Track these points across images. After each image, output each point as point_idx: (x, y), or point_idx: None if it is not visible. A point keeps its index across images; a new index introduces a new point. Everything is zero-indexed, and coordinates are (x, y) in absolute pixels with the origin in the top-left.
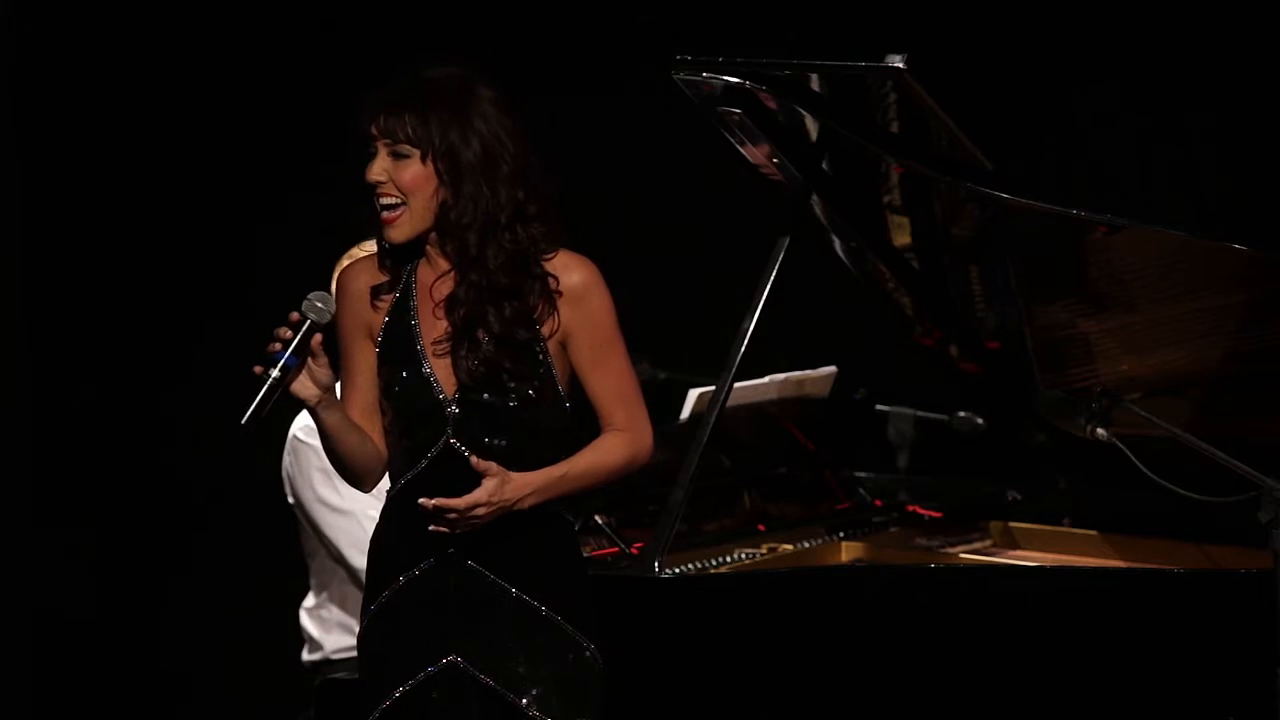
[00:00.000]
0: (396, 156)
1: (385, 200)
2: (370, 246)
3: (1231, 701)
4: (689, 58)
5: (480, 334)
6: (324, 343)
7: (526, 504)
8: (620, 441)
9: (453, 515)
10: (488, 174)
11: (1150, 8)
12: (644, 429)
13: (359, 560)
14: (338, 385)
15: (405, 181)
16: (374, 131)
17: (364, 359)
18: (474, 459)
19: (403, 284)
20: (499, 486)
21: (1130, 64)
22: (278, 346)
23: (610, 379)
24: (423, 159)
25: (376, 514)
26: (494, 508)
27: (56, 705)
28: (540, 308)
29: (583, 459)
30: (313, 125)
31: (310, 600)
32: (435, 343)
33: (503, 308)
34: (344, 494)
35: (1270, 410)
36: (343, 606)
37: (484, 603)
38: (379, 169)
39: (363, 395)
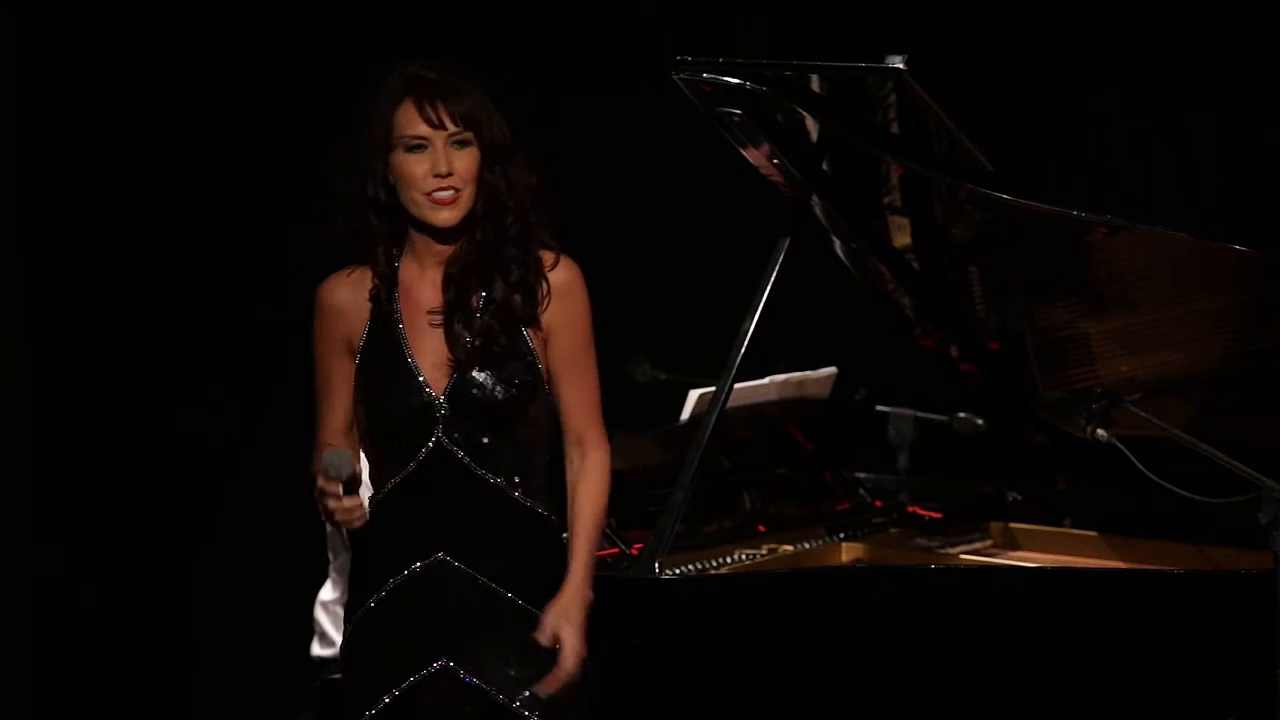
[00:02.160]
0: (459, 144)
1: (445, 192)
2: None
3: (1231, 701)
4: (689, 58)
5: (475, 303)
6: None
7: (589, 602)
8: (599, 467)
9: (566, 680)
10: (517, 157)
11: (1150, 8)
12: (606, 441)
13: None
14: (322, 407)
15: (465, 169)
16: (442, 121)
17: (342, 373)
18: (539, 637)
19: (384, 289)
20: (571, 634)
21: (1130, 65)
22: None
23: (585, 386)
24: (479, 146)
25: None
26: (582, 652)
27: (57, 705)
28: (535, 291)
29: (588, 518)
30: (312, 125)
31: (328, 594)
32: (423, 340)
33: (509, 272)
34: None
35: (1270, 410)
36: None
37: (474, 605)
38: (445, 160)
39: (343, 412)
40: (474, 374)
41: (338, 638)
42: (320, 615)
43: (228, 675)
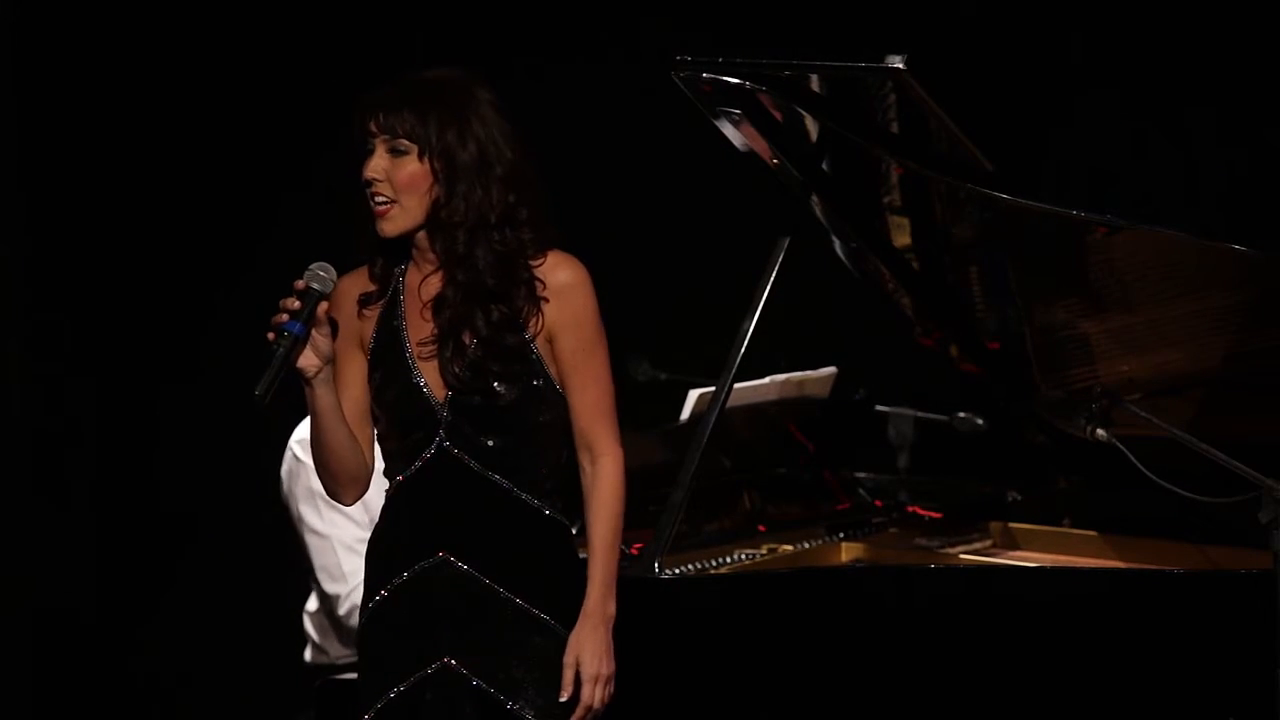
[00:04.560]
0: (394, 153)
1: (379, 198)
2: None
3: (1231, 701)
4: (689, 58)
5: (466, 338)
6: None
7: (610, 619)
8: (608, 477)
9: (589, 709)
10: (481, 175)
11: (1150, 8)
12: (619, 445)
13: (329, 585)
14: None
15: (401, 179)
16: (372, 128)
17: (355, 368)
18: (562, 694)
19: (391, 290)
20: (590, 662)
21: (1130, 64)
22: (284, 318)
23: (591, 387)
24: (419, 156)
25: (354, 542)
26: (604, 674)
27: (56, 705)
28: (526, 310)
29: (600, 535)
30: (310, 122)
31: (312, 604)
32: (423, 346)
33: (490, 310)
34: (325, 517)
35: (1270, 410)
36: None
37: (478, 605)
38: (375, 166)
39: (355, 405)
40: (473, 386)
41: (328, 646)
42: (308, 624)
43: (228, 676)
